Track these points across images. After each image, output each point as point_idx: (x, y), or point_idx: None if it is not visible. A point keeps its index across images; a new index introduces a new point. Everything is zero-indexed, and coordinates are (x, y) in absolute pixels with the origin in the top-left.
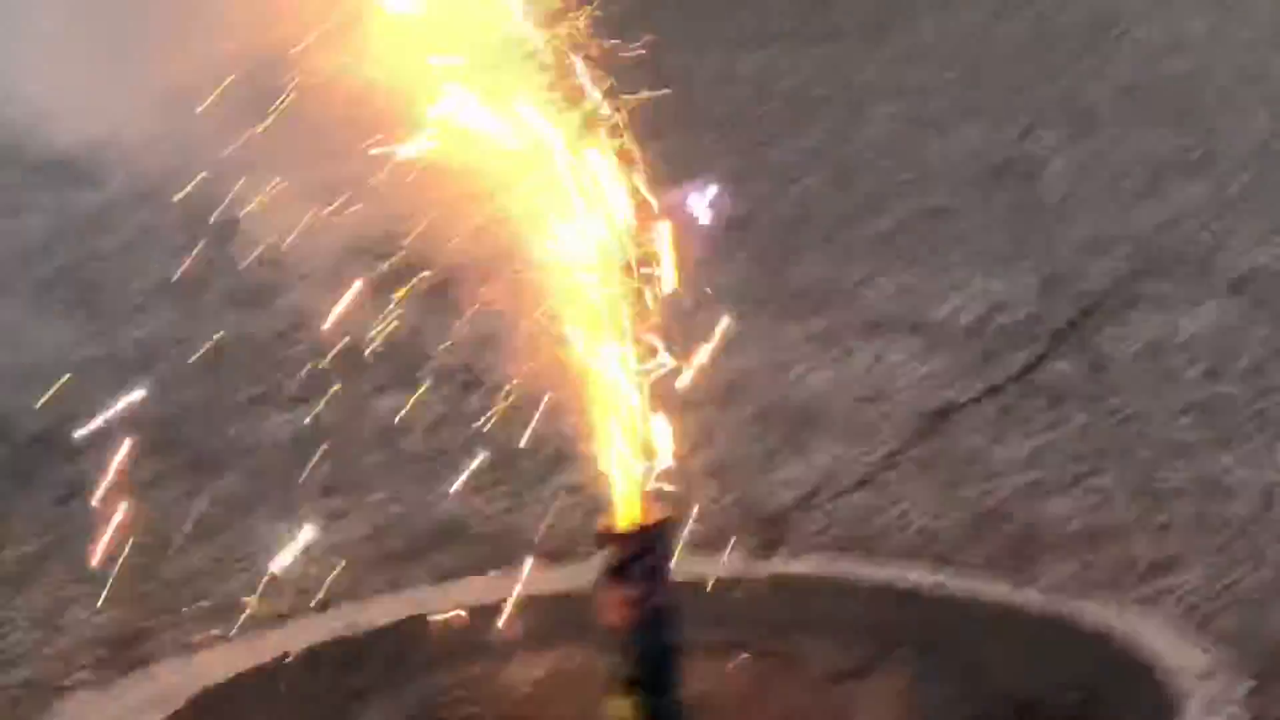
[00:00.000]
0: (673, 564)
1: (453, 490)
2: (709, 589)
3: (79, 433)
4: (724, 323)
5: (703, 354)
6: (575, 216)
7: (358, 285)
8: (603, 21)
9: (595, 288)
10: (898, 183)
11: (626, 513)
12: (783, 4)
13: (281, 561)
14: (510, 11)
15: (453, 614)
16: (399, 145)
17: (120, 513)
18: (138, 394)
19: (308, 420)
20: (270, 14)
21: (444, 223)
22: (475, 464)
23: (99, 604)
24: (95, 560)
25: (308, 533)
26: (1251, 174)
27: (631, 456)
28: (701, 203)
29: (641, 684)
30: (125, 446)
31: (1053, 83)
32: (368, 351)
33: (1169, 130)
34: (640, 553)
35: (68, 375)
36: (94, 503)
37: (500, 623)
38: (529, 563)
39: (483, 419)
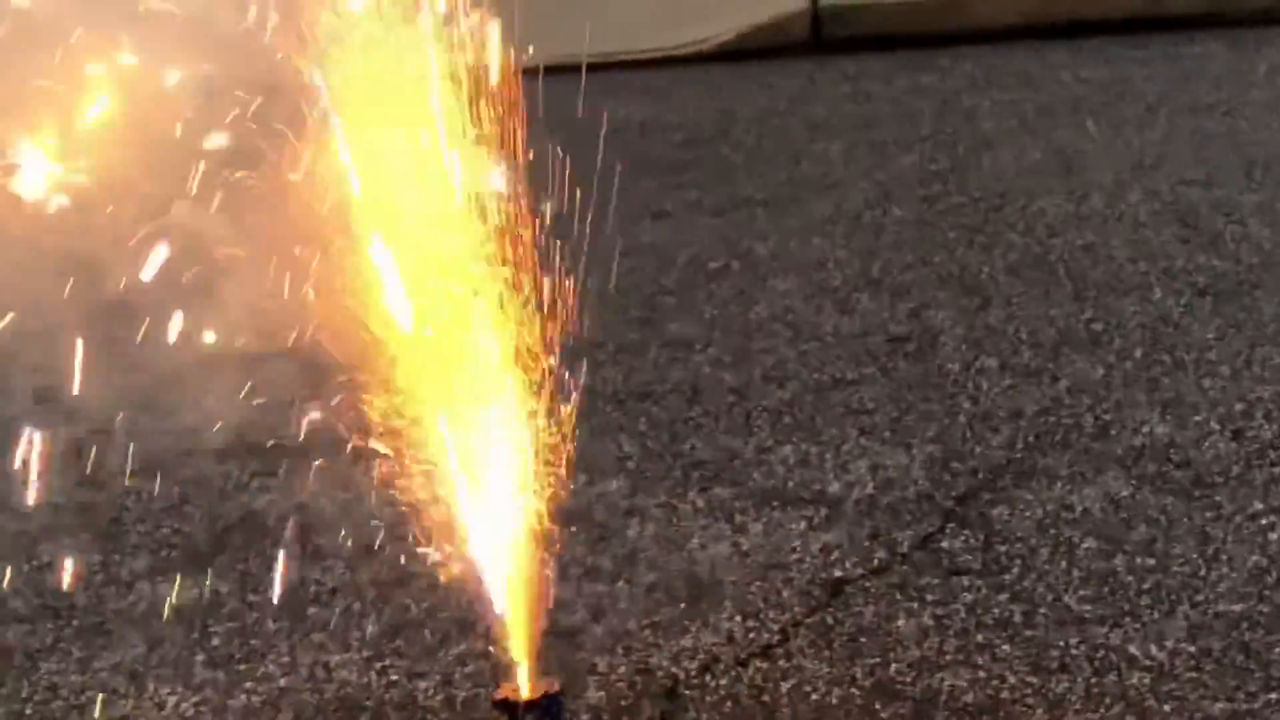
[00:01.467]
0: None
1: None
2: None
3: None
4: None
5: None
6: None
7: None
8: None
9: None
10: (795, 354)
11: (523, 682)
12: (682, 176)
13: None
14: None
15: None
16: None
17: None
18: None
19: (202, 588)
20: None
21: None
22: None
23: None
24: None
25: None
26: (1145, 349)
27: (529, 621)
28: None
29: None
30: None
31: (950, 257)
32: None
33: (1064, 305)
34: None
35: None
36: None
37: None
38: None
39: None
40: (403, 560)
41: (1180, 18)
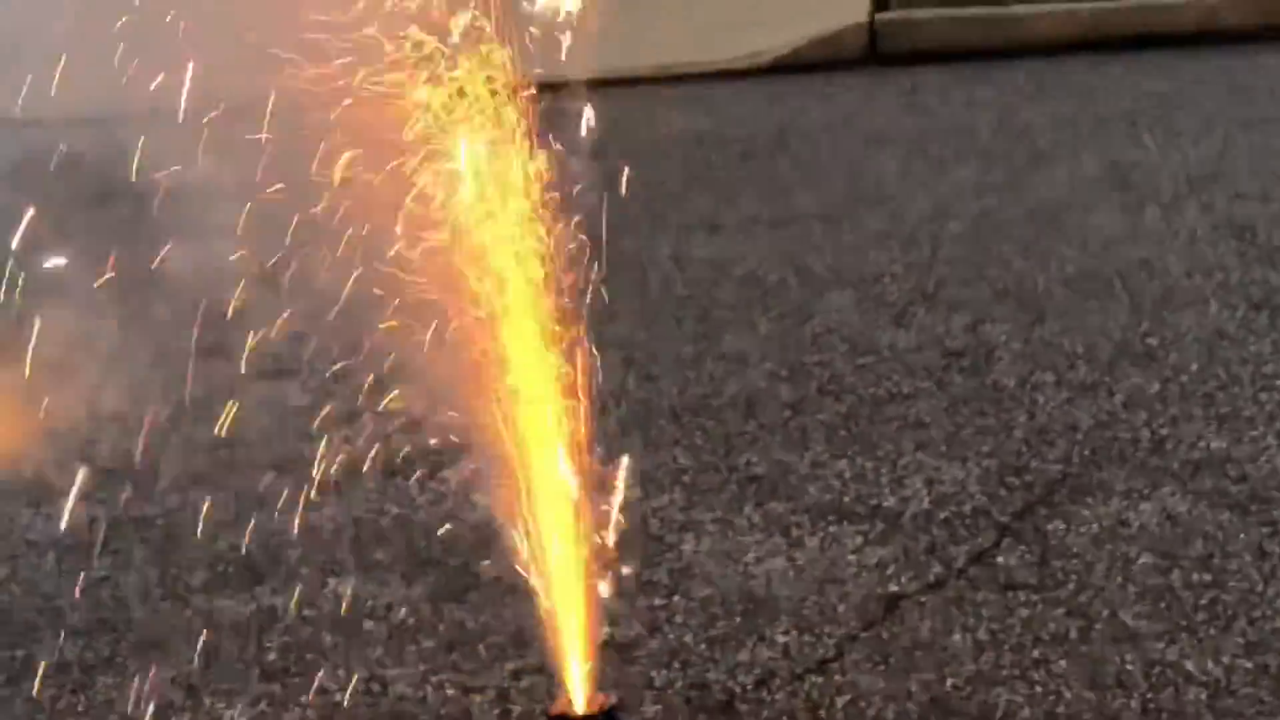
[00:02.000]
0: None
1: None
2: None
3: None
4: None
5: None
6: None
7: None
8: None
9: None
10: (851, 369)
11: (580, 698)
12: (738, 189)
13: None
14: None
15: None
16: None
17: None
18: None
19: (259, 603)
20: None
21: None
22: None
23: None
24: None
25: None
26: (1201, 363)
27: (585, 636)
28: None
29: None
30: None
31: (1005, 271)
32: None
33: (1120, 319)
34: None
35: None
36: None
37: None
38: None
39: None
40: (458, 574)
41: (1236, 32)
